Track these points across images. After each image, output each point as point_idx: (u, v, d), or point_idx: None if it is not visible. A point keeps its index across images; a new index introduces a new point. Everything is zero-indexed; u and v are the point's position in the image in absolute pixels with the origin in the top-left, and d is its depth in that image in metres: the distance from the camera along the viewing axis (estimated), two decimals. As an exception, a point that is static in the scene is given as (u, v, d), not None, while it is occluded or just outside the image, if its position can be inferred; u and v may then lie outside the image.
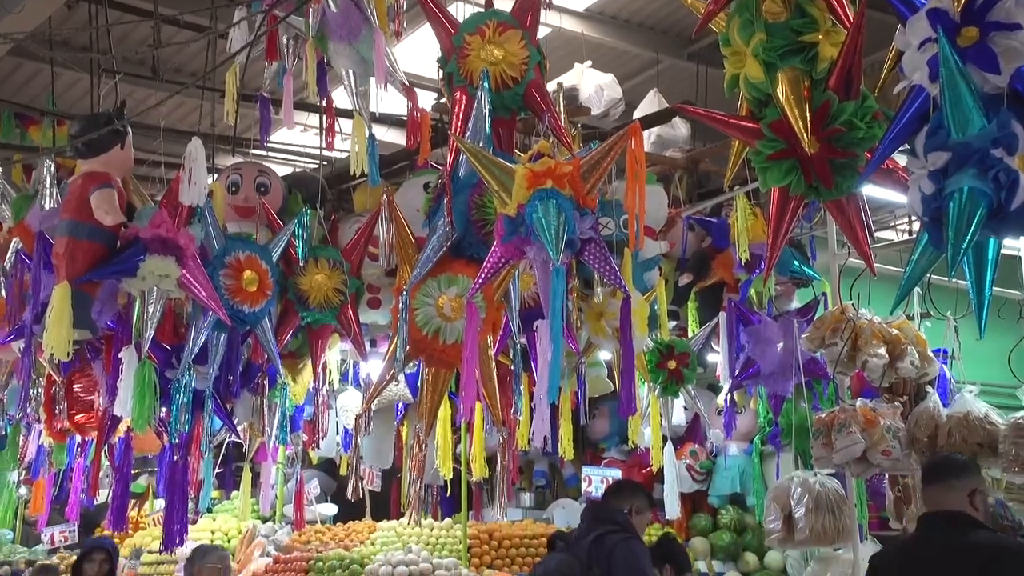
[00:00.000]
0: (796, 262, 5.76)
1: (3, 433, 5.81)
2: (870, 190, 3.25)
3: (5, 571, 8.23)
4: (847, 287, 4.14)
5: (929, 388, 3.98)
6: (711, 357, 6.24)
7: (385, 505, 8.18)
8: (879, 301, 4.04)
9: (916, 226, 6.17)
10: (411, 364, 5.69)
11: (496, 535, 6.91)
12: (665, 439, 6.36)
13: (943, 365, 4.13)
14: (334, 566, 6.15)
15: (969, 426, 3.63)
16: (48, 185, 4.80)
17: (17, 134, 6.38)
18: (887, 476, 4.28)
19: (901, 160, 2.78)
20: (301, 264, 5.42)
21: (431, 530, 7.04)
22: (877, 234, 6.64)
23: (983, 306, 2.27)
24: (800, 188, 3.04)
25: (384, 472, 7.92)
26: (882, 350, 3.84)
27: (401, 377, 6.68)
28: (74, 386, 5.32)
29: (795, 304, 5.94)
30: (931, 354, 4.01)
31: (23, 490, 7.69)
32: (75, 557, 7.48)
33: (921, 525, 3.10)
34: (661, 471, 5.85)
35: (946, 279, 2.71)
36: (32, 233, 4.75)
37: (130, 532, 8.07)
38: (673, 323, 6.29)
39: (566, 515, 7.86)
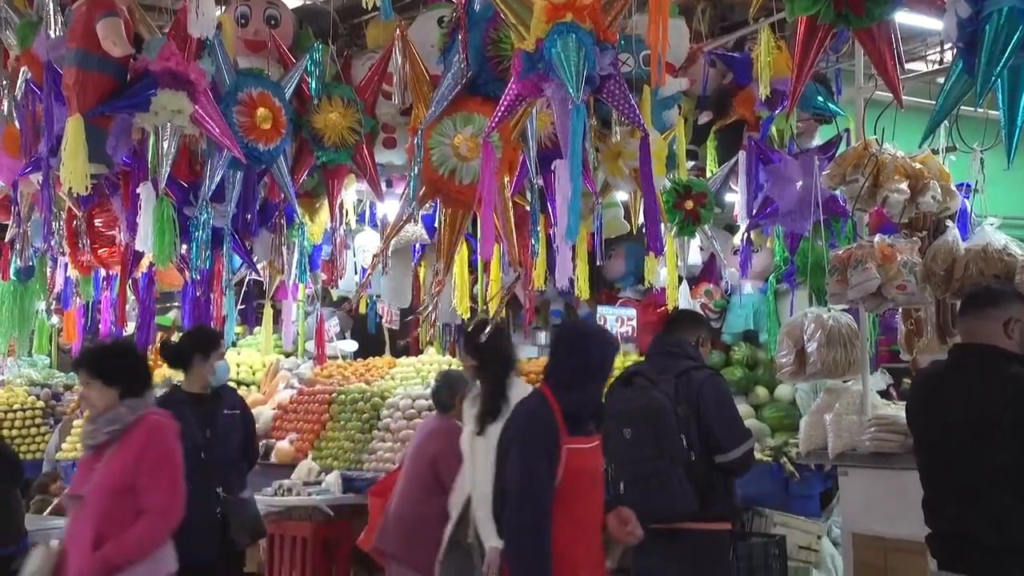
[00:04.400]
0: (820, 97, 5.60)
1: (30, 264, 5.89)
2: (901, 17, 3.12)
3: (46, 393, 8.65)
4: (872, 122, 4.05)
5: (949, 222, 3.94)
6: (729, 197, 6.19)
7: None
8: (904, 136, 3.95)
9: (948, 56, 5.95)
10: (427, 205, 5.71)
11: (513, 371, 7.09)
12: (680, 279, 6.41)
13: (965, 199, 4.07)
14: (356, 398, 6.37)
15: (987, 258, 3.61)
16: (52, 12, 4.68)
17: (13, -47, 6.12)
18: (900, 310, 4.31)
19: (937, -17, 2.66)
20: (315, 102, 5.34)
21: (449, 366, 7.22)
22: (907, 65, 6.41)
23: (1014, 134, 2.22)
24: (829, 16, 2.92)
25: (402, 311, 8.07)
26: (904, 185, 3.79)
27: (418, 218, 6.69)
28: (95, 221, 5.38)
29: (816, 141, 5.83)
30: (954, 188, 3.95)
31: (55, 319, 7.94)
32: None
33: (950, 356, 3.08)
34: (676, 310, 5.92)
35: (974, 110, 2.64)
36: (40, 62, 4.65)
37: (160, 363, 8.36)
38: (691, 163, 6.21)
39: (580, 353, 8.02)
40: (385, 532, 4.57)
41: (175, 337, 9.16)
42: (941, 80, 2.52)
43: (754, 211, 5.50)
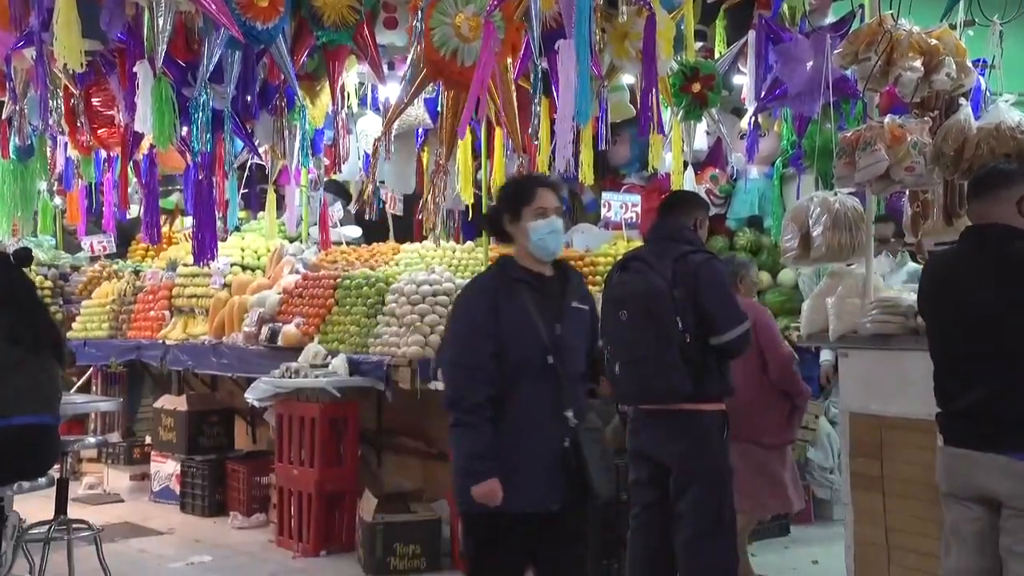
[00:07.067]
0: (835, -30, 5.43)
1: (29, 143, 5.82)
2: None
3: (53, 273, 8.77)
4: (888, -3, 3.92)
5: (962, 100, 3.85)
6: (737, 79, 6.07)
7: (408, 229, 8.38)
8: (921, 10, 3.83)
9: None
10: (430, 88, 5.60)
11: (516, 257, 7.10)
12: (685, 164, 6.34)
13: (980, 76, 3.97)
14: (360, 284, 6.40)
15: (999, 137, 3.53)
16: None
17: None
18: (907, 192, 4.27)
19: None
20: (313, -22, 5.18)
21: (453, 252, 7.24)
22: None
23: (1035, 2, 2.13)
24: None
25: (406, 197, 8.04)
26: (917, 63, 3.69)
27: (420, 102, 6.59)
28: (92, 100, 5.29)
29: (829, 19, 5.67)
30: (969, 64, 3.85)
31: (58, 200, 7.93)
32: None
33: (962, 238, 3.05)
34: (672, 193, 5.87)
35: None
36: (25, -71, 4.49)
37: (164, 246, 8.42)
38: (700, 44, 6.06)
39: (585, 239, 8.04)
40: None
41: (180, 220, 9.22)
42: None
43: (762, 93, 5.39)
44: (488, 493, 3.00)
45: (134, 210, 6.71)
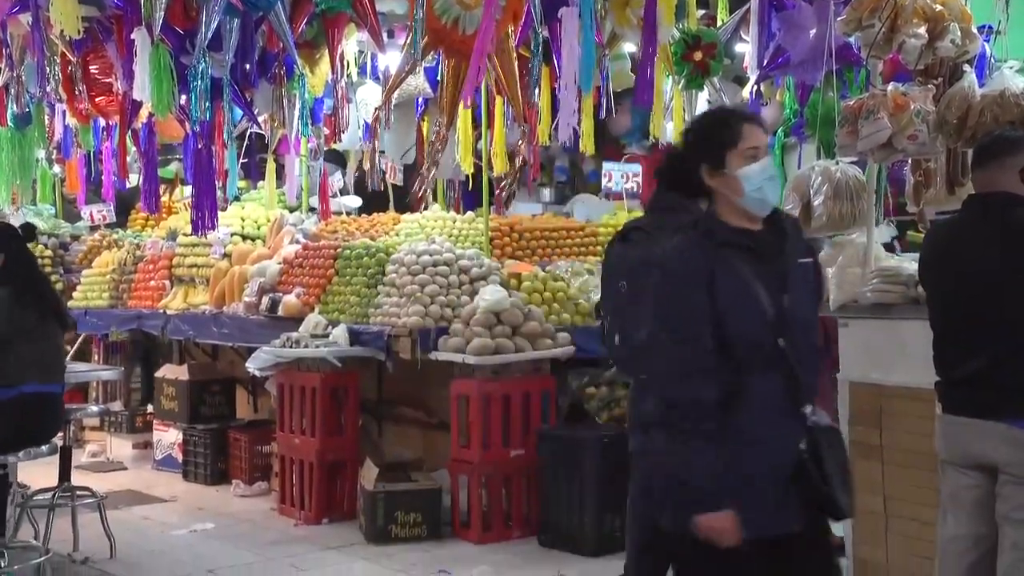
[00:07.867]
0: (840, -64, 5.35)
1: (27, 110, 5.79)
2: None
3: (53, 242, 8.77)
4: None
5: (967, 67, 3.82)
6: (739, 47, 6.02)
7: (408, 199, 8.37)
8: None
9: None
10: (430, 56, 5.56)
11: (517, 228, 7.10)
12: (687, 133, 6.30)
13: (985, 43, 3.93)
14: (361, 254, 6.39)
15: (1003, 104, 3.50)
16: None
17: None
18: (910, 161, 4.25)
19: None
20: (311, -56, 5.13)
21: (454, 223, 7.23)
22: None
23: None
24: None
25: (406, 167, 8.01)
26: (922, 29, 3.65)
27: (421, 71, 6.55)
28: (90, 67, 5.26)
29: (835, -15, 5.61)
30: (975, 30, 3.81)
31: (57, 168, 7.91)
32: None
33: (965, 206, 3.05)
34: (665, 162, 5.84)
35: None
36: None
37: (164, 215, 8.42)
38: (702, 11, 6.01)
39: (586, 209, 8.03)
40: None
41: (180, 189, 9.19)
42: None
43: (765, 62, 5.34)
44: (722, 528, 2.34)
45: (133, 179, 6.70)
